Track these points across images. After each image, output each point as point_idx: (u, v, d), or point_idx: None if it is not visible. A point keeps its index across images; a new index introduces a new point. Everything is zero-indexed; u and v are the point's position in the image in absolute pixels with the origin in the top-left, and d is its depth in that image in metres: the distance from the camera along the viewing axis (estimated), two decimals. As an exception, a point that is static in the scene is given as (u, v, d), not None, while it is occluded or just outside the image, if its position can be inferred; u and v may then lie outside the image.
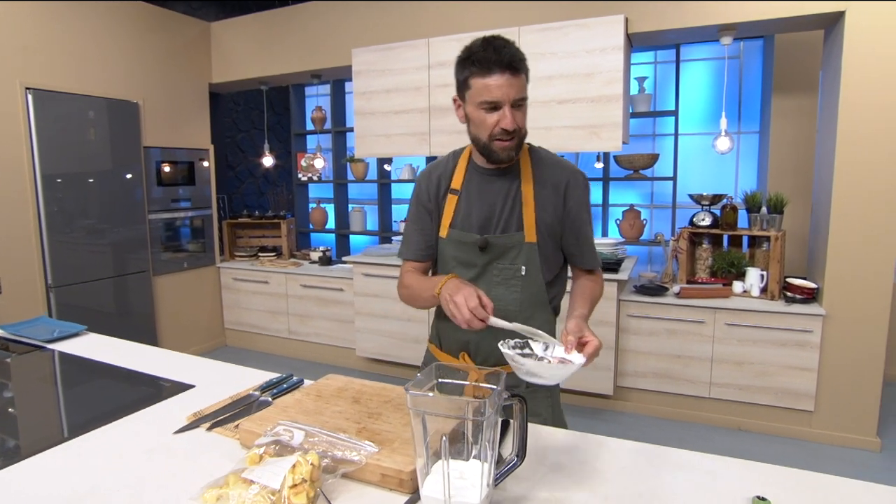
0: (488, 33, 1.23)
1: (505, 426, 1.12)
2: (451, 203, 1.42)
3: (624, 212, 4.06)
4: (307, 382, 1.52)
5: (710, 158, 4.16)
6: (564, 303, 1.45)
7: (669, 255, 3.34)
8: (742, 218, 3.24)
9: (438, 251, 1.47)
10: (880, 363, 2.71)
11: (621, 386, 3.23)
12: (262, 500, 0.93)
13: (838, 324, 2.74)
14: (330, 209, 5.49)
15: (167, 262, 4.10)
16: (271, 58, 4.07)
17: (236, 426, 1.25)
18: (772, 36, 3.52)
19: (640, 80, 3.84)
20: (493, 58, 1.21)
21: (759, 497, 0.96)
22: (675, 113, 3.82)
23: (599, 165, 4.02)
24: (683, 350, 3.02)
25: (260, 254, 4.56)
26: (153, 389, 1.52)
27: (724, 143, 3.00)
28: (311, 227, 5.43)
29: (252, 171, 5.70)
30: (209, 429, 1.26)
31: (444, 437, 0.88)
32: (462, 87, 1.30)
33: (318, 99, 5.50)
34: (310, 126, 5.40)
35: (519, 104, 1.26)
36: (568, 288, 1.48)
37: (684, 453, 1.14)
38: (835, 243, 2.72)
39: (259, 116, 5.69)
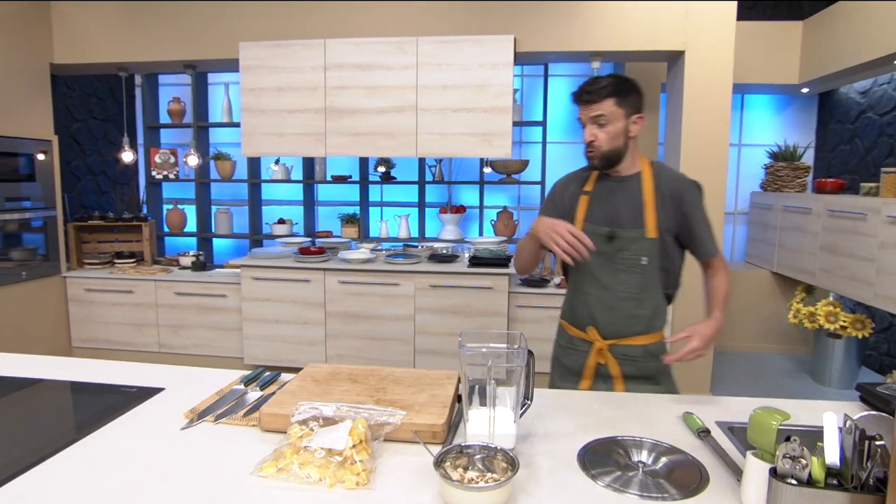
0: (387, 40, 1.39)
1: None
2: (583, 203, 1.77)
3: (498, 213, 4.59)
4: (284, 376, 1.65)
5: (569, 165, 4.89)
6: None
7: (548, 251, 3.90)
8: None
9: None
10: (712, 334, 3.53)
11: (512, 371, 3.69)
12: (328, 463, 1.10)
13: (684, 302, 3.49)
14: (189, 211, 5.24)
15: (0, 272, 3.62)
16: (136, 42, 3.83)
17: (249, 414, 1.37)
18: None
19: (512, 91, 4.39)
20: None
21: (687, 412, 1.39)
22: (543, 123, 4.44)
23: (488, 170, 4.50)
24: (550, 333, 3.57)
25: (116, 261, 4.22)
26: (120, 396, 1.52)
27: (593, 153, 3.62)
28: (166, 230, 5.13)
29: (91, 168, 5.17)
30: (216, 421, 1.35)
31: (492, 381, 1.15)
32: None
33: (174, 89, 5.21)
34: (165, 119, 5.10)
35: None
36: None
37: (622, 395, 1.58)
38: (679, 238, 3.47)
39: (98, 105, 5.20)
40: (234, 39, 3.66)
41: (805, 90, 4.68)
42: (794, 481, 0.90)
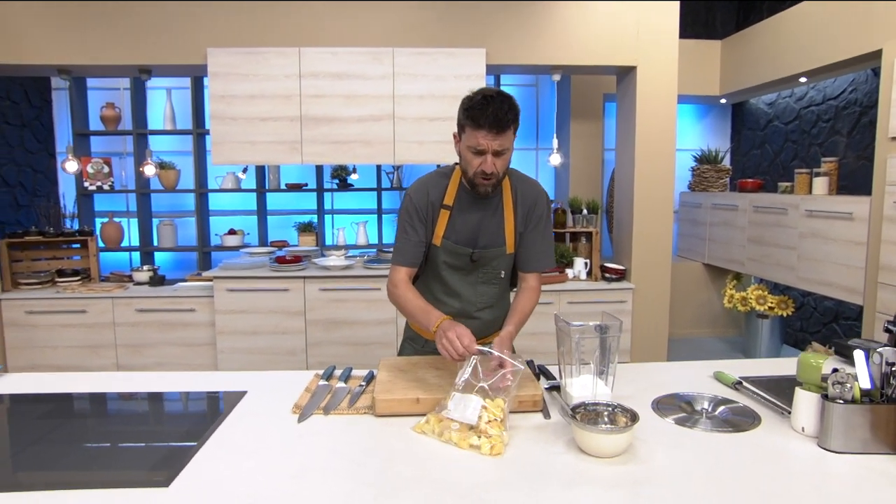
0: (364, 50, 1.46)
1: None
2: (443, 217, 1.77)
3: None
4: (355, 371, 1.83)
5: (518, 168, 5.32)
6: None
7: (515, 252, 4.26)
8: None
9: (430, 255, 1.82)
10: (666, 320, 4.06)
11: (489, 367, 4.00)
12: (462, 433, 1.33)
13: (641, 294, 4.00)
14: (127, 224, 5.09)
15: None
16: (83, 44, 3.70)
17: (353, 404, 1.57)
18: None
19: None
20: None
21: (718, 371, 1.76)
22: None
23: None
24: (539, 327, 3.93)
25: (58, 279, 4.04)
26: (212, 400, 1.65)
27: (556, 159, 4.04)
28: (101, 245, 4.93)
29: (6, 178, 4.85)
30: (326, 413, 1.52)
31: (596, 353, 1.44)
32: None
33: (103, 93, 5.03)
34: (95, 125, 4.92)
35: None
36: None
37: (655, 365, 1.93)
38: (637, 236, 3.97)
39: (13, 109, 4.88)
40: (198, 44, 3.68)
41: (723, 101, 5.43)
42: (840, 401, 1.28)
